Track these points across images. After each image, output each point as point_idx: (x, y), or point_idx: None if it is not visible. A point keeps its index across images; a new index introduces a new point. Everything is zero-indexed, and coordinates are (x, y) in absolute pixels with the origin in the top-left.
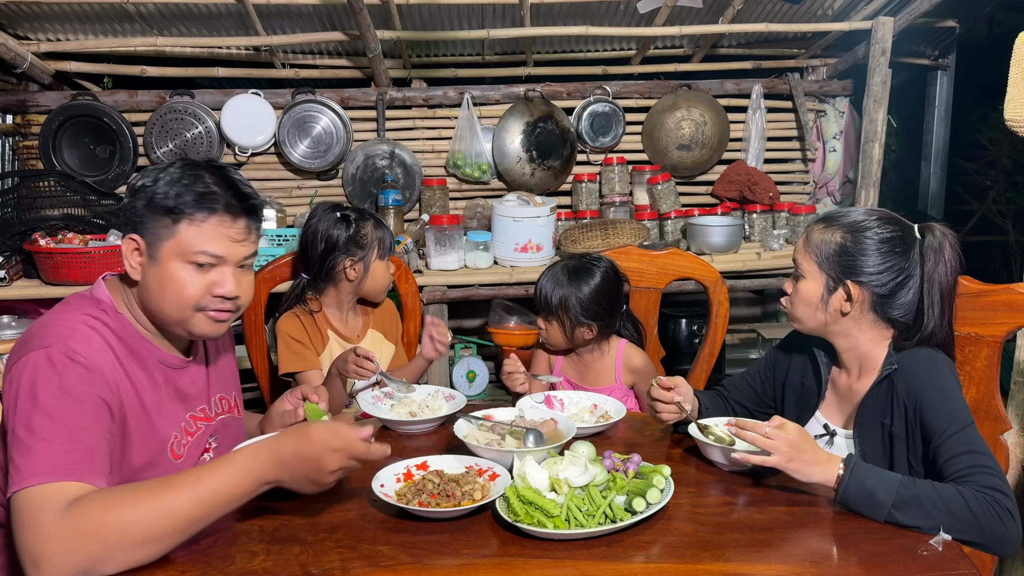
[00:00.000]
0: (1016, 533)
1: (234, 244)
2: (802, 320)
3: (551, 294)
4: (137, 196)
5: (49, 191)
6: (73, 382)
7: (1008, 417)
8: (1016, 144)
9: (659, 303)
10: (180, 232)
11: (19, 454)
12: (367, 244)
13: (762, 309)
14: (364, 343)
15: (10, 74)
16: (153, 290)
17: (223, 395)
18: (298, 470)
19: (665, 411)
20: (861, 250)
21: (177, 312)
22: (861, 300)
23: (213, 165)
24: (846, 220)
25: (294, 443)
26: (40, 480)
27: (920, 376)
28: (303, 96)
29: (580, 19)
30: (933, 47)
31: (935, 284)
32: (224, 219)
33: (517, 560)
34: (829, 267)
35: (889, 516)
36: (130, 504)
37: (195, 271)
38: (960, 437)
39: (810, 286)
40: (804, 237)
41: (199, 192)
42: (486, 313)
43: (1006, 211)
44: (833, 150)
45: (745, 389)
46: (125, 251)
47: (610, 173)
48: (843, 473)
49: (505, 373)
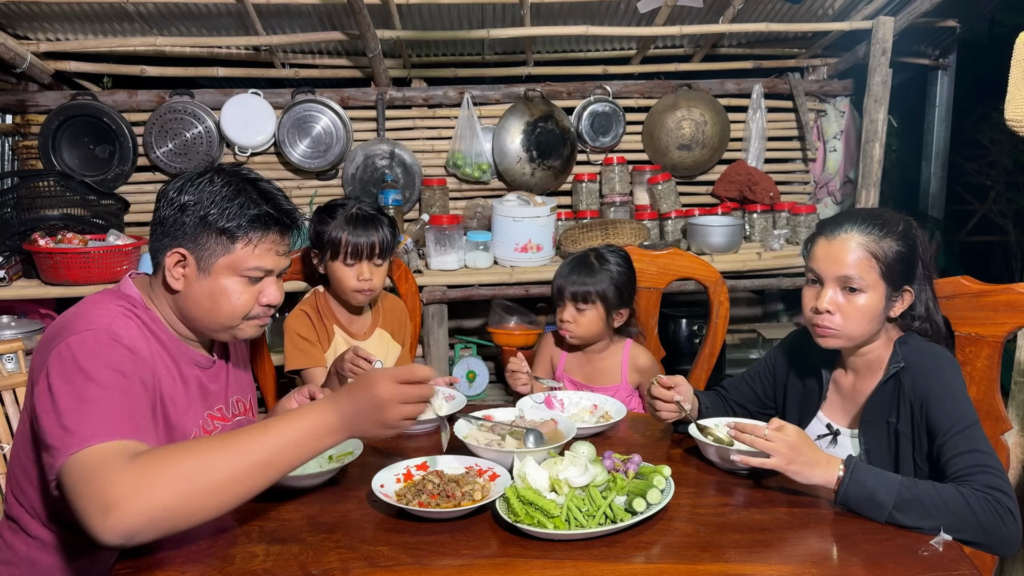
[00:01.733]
0: (1016, 533)
1: (280, 258)
2: (858, 337)
3: (589, 280)
4: (186, 212)
5: (49, 191)
6: (120, 360)
7: (1008, 417)
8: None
9: (659, 303)
10: (236, 250)
11: (72, 420)
12: (324, 242)
13: (762, 309)
14: (370, 342)
15: (10, 74)
16: (204, 301)
17: (240, 397)
18: (364, 409)
19: (664, 409)
20: (915, 254)
21: (229, 321)
22: (908, 303)
23: (251, 178)
24: (895, 226)
25: (353, 386)
26: (101, 439)
27: (927, 374)
28: (303, 96)
29: (580, 19)
30: (933, 47)
31: (926, 268)
32: (275, 238)
33: (517, 560)
34: (892, 276)
35: (890, 517)
36: (196, 452)
37: (246, 284)
38: (965, 436)
39: (873, 299)
40: (854, 249)
41: (255, 215)
42: (486, 313)
43: (1007, 211)
44: (834, 150)
45: (745, 390)
46: (168, 263)
47: (610, 173)
48: (843, 474)
49: (509, 371)
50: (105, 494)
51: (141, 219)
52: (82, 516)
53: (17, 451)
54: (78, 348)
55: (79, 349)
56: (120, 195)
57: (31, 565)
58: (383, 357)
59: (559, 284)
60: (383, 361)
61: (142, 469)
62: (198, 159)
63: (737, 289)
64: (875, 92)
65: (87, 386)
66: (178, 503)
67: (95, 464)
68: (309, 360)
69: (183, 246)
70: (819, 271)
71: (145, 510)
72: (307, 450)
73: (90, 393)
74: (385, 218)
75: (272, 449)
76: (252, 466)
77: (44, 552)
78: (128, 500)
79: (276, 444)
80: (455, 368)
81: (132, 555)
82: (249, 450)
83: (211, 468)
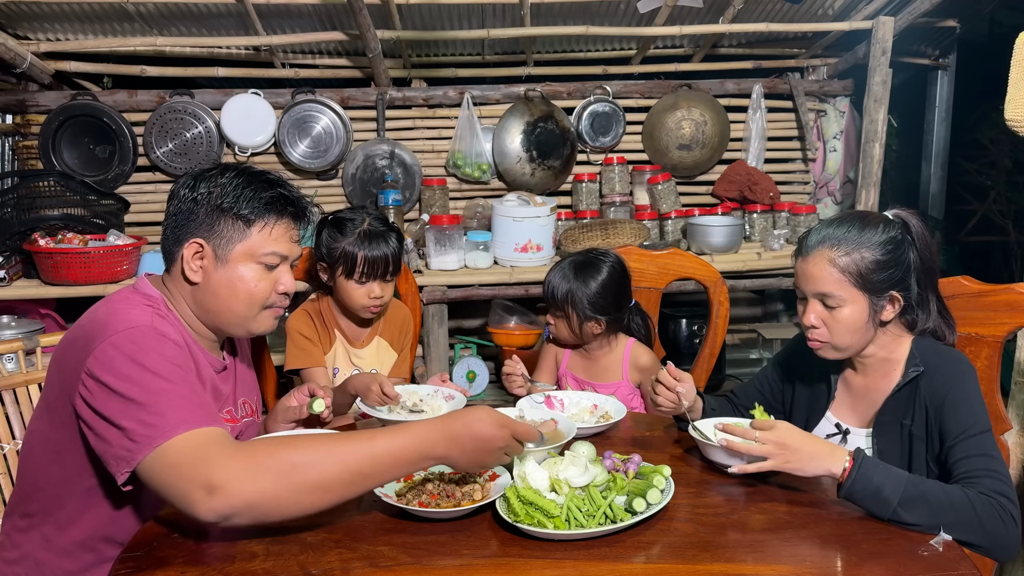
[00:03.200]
0: (1016, 538)
1: (294, 244)
2: (848, 347)
3: (558, 289)
4: (200, 204)
5: (49, 191)
6: (174, 353)
7: (1008, 417)
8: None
9: (659, 303)
10: (252, 235)
11: (147, 413)
12: (336, 258)
13: (762, 309)
14: (368, 350)
15: (10, 74)
16: (223, 289)
17: (246, 399)
18: (468, 445)
19: (664, 397)
20: (898, 257)
21: (247, 310)
22: (899, 306)
23: (259, 171)
24: (872, 234)
25: (462, 418)
26: (186, 428)
27: (947, 378)
28: (303, 96)
29: (580, 19)
30: (934, 47)
31: (927, 266)
32: (289, 222)
33: (517, 560)
34: (870, 285)
35: (894, 514)
36: (305, 446)
37: (263, 271)
38: (977, 440)
39: (854, 310)
40: (824, 267)
41: (270, 198)
42: (486, 313)
43: (1007, 211)
44: (834, 150)
45: (753, 394)
46: (187, 255)
47: (610, 173)
48: (851, 467)
49: (504, 373)
50: (211, 475)
51: (141, 219)
52: (182, 496)
53: (33, 449)
54: (128, 345)
55: (129, 346)
56: (120, 195)
57: (37, 565)
58: (378, 365)
59: (544, 286)
60: (378, 370)
61: (249, 456)
62: (198, 159)
63: (737, 289)
64: (875, 92)
65: (150, 379)
66: (281, 494)
67: (196, 448)
68: (310, 360)
69: (200, 236)
70: (800, 288)
71: (249, 494)
72: (405, 468)
73: (155, 385)
74: (393, 232)
75: (375, 460)
76: (354, 473)
77: (50, 552)
78: (234, 483)
79: (380, 455)
80: (455, 368)
81: (133, 555)
82: (355, 455)
83: (319, 464)
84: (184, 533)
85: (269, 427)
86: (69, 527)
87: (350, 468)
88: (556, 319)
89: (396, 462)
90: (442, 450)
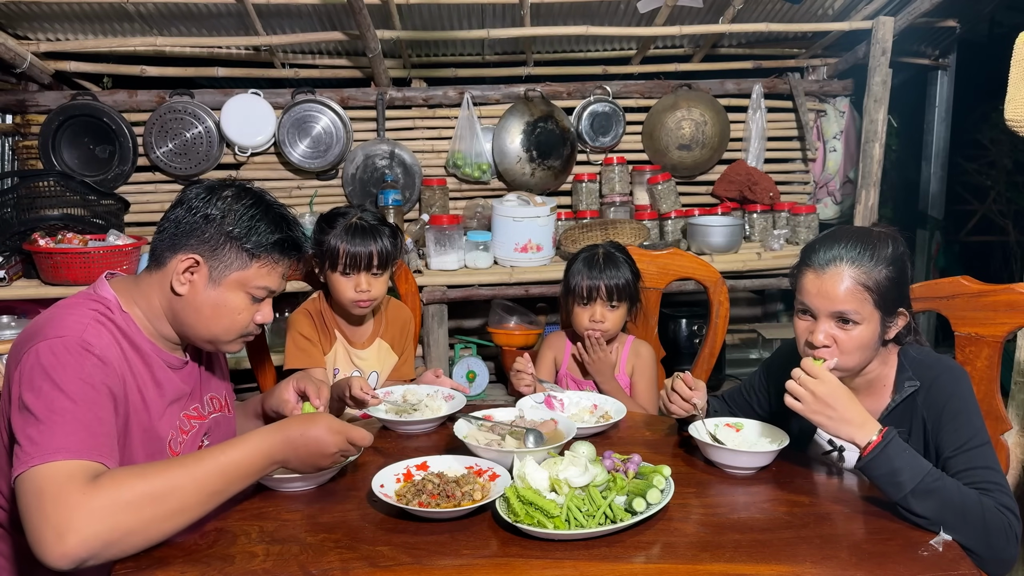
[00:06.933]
0: (1014, 558)
1: (283, 281)
2: (854, 367)
3: (619, 277)
4: (210, 223)
5: (49, 191)
6: (90, 371)
7: (1008, 417)
8: (1017, 144)
9: (659, 303)
10: (251, 268)
11: (38, 431)
12: (324, 251)
13: (762, 309)
14: (369, 351)
15: (10, 74)
16: (207, 309)
17: (214, 394)
18: (302, 450)
19: (677, 404)
20: (905, 274)
21: (224, 335)
22: (904, 323)
23: (272, 202)
24: (884, 249)
25: (300, 425)
26: (64, 456)
27: (944, 391)
28: (303, 96)
29: (580, 19)
30: (933, 47)
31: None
32: (288, 263)
33: (517, 560)
34: (886, 303)
35: (904, 500)
36: (162, 473)
37: (249, 301)
38: (979, 452)
39: (868, 329)
40: (846, 285)
41: (279, 239)
42: (486, 313)
43: (1007, 211)
44: (834, 150)
45: (742, 403)
46: (179, 267)
47: (610, 173)
48: (875, 443)
49: (514, 370)
50: (63, 519)
51: (141, 219)
52: (34, 536)
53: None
54: (47, 356)
55: (48, 357)
56: (120, 195)
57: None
58: (379, 368)
59: (588, 284)
60: (379, 372)
61: (106, 493)
62: (198, 159)
63: (737, 289)
64: (875, 92)
65: (56, 396)
66: (140, 527)
67: (53, 483)
68: (309, 360)
69: (199, 253)
70: (811, 306)
71: (106, 534)
72: (253, 477)
73: (58, 404)
74: (386, 228)
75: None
76: (209, 493)
77: (27, 563)
78: (86, 527)
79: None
80: (455, 368)
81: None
82: (208, 476)
83: (178, 490)
84: (184, 533)
85: (266, 404)
86: None
87: (205, 489)
88: (613, 310)
89: (245, 474)
90: (281, 454)
